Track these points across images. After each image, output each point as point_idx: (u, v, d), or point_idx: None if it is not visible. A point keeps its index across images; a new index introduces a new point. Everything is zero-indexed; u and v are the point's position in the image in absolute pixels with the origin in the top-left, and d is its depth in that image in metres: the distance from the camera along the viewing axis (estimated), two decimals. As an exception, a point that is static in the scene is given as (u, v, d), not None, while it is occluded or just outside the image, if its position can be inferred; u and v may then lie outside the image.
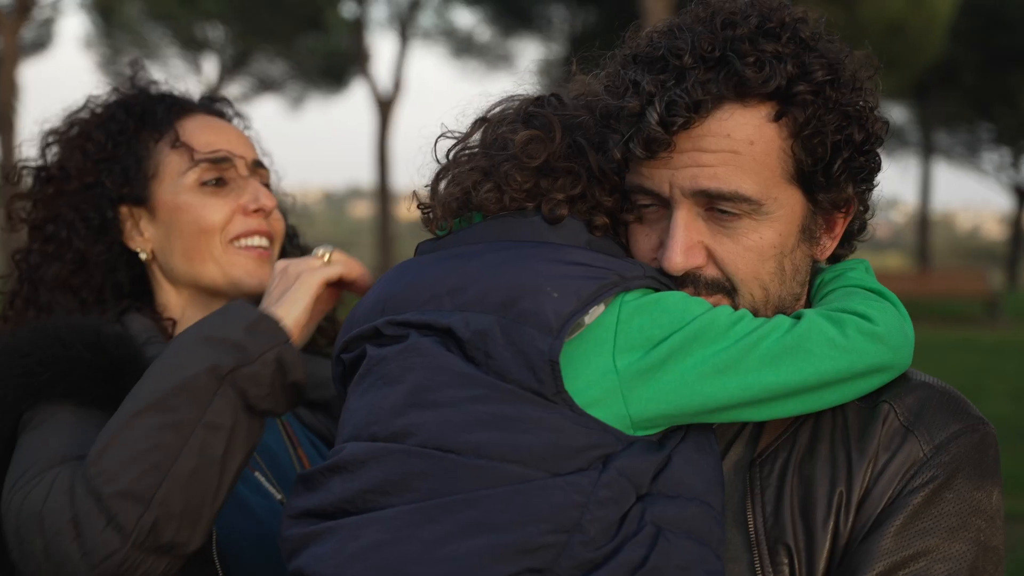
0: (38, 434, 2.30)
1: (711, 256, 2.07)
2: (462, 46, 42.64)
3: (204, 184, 2.69)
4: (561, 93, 2.25)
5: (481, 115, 2.26)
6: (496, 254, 2.05)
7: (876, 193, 2.25)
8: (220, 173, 2.71)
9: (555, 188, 2.09)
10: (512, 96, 2.27)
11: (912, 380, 2.12)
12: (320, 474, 2.02)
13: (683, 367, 1.95)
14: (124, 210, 2.71)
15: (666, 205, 2.07)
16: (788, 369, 1.96)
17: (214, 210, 2.68)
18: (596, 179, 2.11)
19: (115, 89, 2.84)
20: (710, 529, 1.95)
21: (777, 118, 2.01)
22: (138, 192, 2.70)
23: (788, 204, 2.06)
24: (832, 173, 2.05)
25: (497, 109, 2.25)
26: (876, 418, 2.06)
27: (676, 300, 2.01)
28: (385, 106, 38.72)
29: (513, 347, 1.93)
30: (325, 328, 2.81)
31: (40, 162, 2.77)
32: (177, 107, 2.79)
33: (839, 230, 2.19)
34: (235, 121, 2.89)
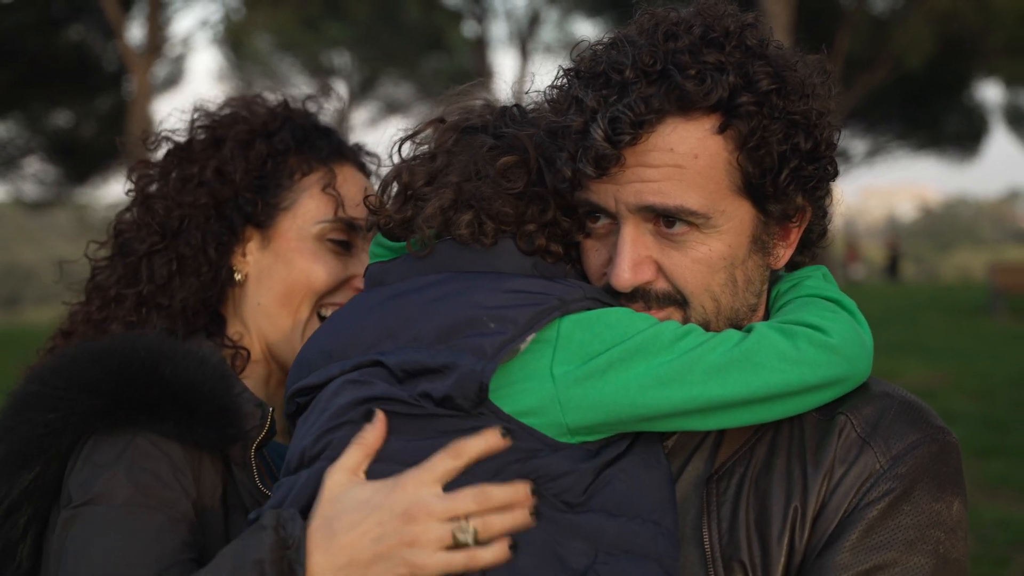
0: (85, 538, 2.11)
1: (660, 270, 2.05)
2: (584, 59, 42.60)
3: (331, 240, 2.60)
4: (521, 104, 2.24)
5: (437, 116, 2.24)
6: (437, 289, 2.06)
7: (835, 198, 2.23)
8: (350, 238, 2.62)
9: (528, 217, 2.09)
10: (466, 99, 2.26)
11: (872, 390, 2.08)
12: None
13: (625, 378, 1.93)
14: (246, 231, 2.59)
15: (615, 220, 2.06)
16: (735, 382, 1.94)
17: (330, 271, 2.58)
18: (556, 202, 2.10)
19: (286, 101, 2.72)
20: (656, 545, 1.94)
21: (721, 130, 1.99)
22: (264, 217, 2.58)
23: (736, 216, 2.04)
24: (780, 183, 2.02)
25: (456, 114, 2.23)
26: (832, 430, 2.03)
27: (619, 315, 2.00)
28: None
29: (445, 369, 1.95)
30: None
31: (183, 140, 2.64)
32: (338, 150, 2.67)
33: (794, 238, 2.16)
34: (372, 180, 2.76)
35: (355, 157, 2.72)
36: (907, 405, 2.07)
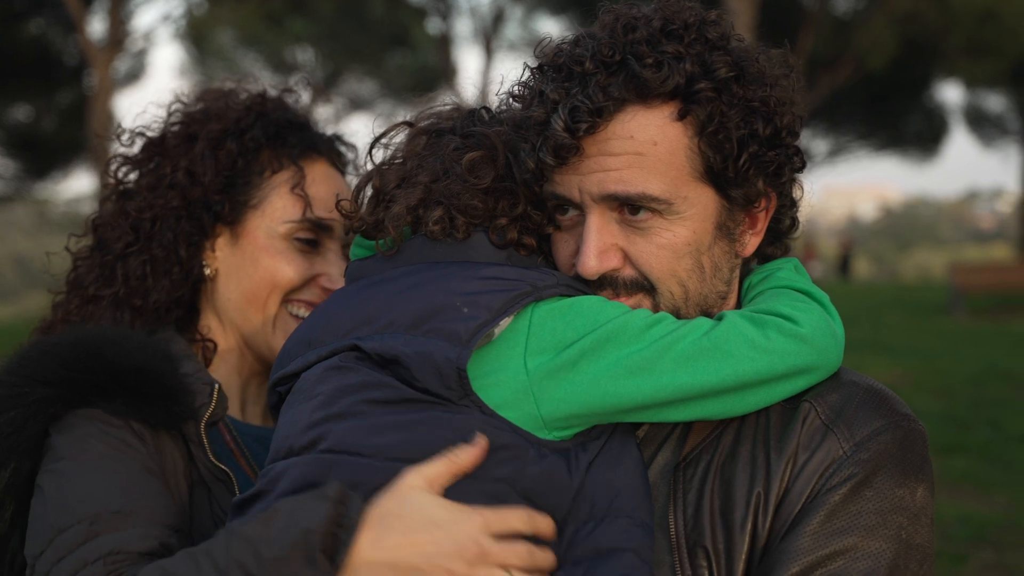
0: (69, 476, 2.18)
1: (627, 257, 2.08)
2: (548, 56, 42.58)
3: (297, 239, 2.62)
4: (489, 106, 2.27)
5: (408, 120, 2.28)
6: (412, 277, 2.08)
7: (806, 189, 2.26)
8: (317, 237, 2.64)
9: (499, 211, 2.11)
10: (436, 103, 2.30)
11: (840, 379, 2.10)
12: (248, 501, 2.04)
13: (596, 368, 1.95)
14: (216, 227, 2.62)
15: (582, 211, 2.08)
16: (704, 370, 1.95)
17: (296, 269, 2.61)
18: (525, 195, 2.13)
19: (261, 95, 2.72)
20: (630, 538, 1.96)
21: (681, 117, 2.02)
22: (235, 215, 2.61)
23: (700, 202, 2.06)
24: (740, 168, 2.04)
25: (426, 118, 2.27)
26: (796, 417, 2.05)
27: (591, 304, 2.02)
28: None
29: (421, 357, 1.95)
30: None
31: (156, 136, 2.65)
32: (310, 146, 2.68)
33: (761, 226, 2.18)
34: (351, 164, 2.79)
35: (329, 151, 2.72)
36: (873, 393, 2.09)
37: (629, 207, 2.05)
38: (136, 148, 2.66)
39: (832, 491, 1.98)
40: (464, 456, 1.92)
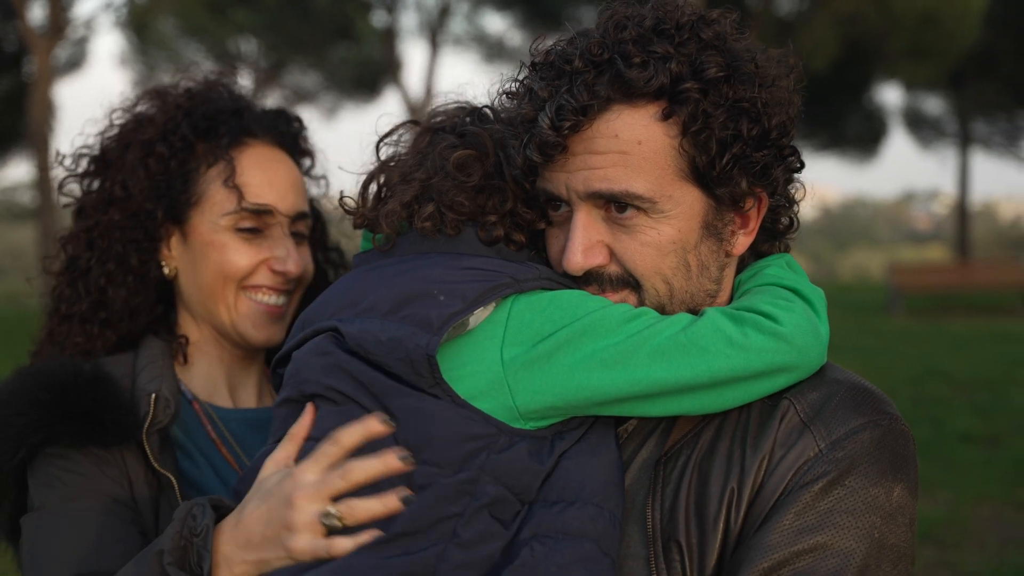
0: (38, 546, 2.33)
1: (612, 254, 2.09)
2: (493, 51, 42.60)
3: (239, 229, 2.65)
4: (494, 105, 2.30)
5: (412, 119, 2.33)
6: (401, 265, 2.10)
7: (800, 187, 2.29)
8: (259, 223, 2.67)
9: (488, 208, 2.13)
10: (446, 103, 2.34)
11: (824, 376, 2.11)
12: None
13: (571, 360, 1.97)
14: (165, 228, 2.67)
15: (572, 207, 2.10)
16: (679, 365, 1.96)
17: (243, 256, 2.65)
18: (515, 192, 2.15)
19: (189, 90, 2.75)
20: (595, 526, 1.97)
21: (665, 117, 2.03)
22: (179, 214, 2.66)
23: (685, 201, 2.07)
24: (724, 167, 2.05)
25: (435, 116, 2.31)
26: (775, 415, 2.06)
27: (571, 297, 2.04)
28: (417, 114, 38.77)
29: (392, 343, 1.98)
30: None
31: (97, 152, 2.70)
32: (243, 130, 2.70)
33: (753, 225, 2.18)
34: (299, 136, 2.83)
35: (268, 131, 2.74)
36: (856, 391, 2.09)
37: (616, 205, 2.06)
38: (82, 167, 2.72)
39: (804, 488, 1.99)
40: (299, 428, 2.05)
